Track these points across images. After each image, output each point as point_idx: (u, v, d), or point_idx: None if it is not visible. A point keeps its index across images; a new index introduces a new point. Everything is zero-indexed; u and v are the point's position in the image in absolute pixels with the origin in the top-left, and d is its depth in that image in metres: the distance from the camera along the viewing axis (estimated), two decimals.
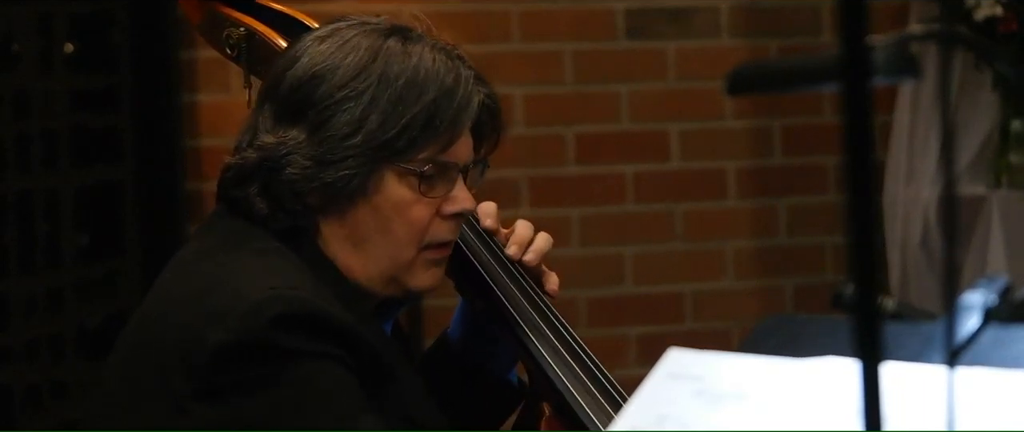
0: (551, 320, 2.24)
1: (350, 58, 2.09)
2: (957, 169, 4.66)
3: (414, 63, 2.10)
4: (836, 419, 1.39)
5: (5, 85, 4.33)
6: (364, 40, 2.11)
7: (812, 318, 1.61)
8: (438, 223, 2.13)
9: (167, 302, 2.07)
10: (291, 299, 1.98)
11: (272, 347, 1.96)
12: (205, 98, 4.50)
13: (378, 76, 2.08)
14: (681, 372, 1.50)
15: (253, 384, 1.96)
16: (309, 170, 2.06)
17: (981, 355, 1.45)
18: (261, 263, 2.04)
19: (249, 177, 2.08)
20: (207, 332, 1.96)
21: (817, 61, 1.32)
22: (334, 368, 1.98)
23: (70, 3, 4.49)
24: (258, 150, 2.08)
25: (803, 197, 4.99)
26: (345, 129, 2.07)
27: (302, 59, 2.11)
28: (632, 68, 4.86)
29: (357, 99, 2.07)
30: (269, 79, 2.15)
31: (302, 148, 2.07)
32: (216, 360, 1.95)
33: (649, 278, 4.88)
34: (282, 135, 2.08)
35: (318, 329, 1.98)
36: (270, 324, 1.95)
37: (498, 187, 4.72)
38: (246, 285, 1.99)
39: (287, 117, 2.09)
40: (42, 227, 4.38)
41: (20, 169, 4.33)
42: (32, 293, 4.34)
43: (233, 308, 1.97)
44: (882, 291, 1.28)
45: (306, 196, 2.08)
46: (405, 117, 2.08)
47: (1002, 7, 4.46)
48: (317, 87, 2.08)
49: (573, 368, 2.21)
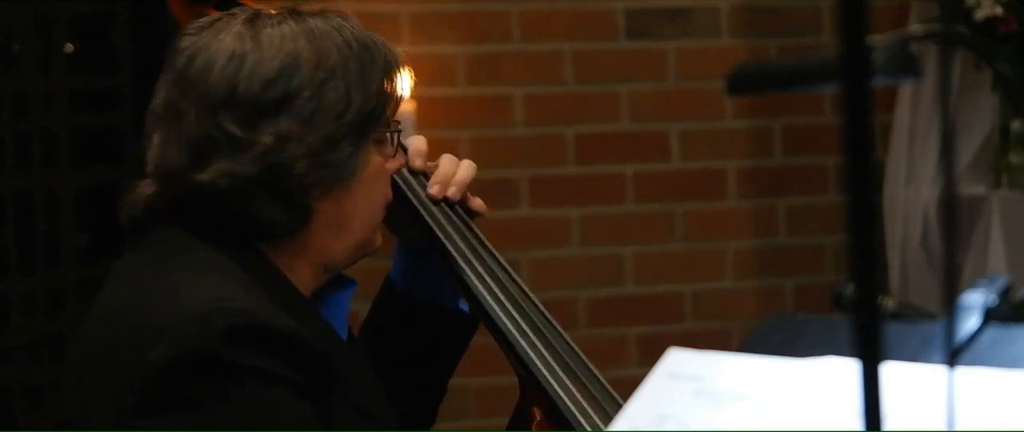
0: (537, 323, 2.24)
1: (300, 44, 2.08)
2: (957, 169, 4.66)
3: (351, 33, 2.12)
4: (836, 419, 1.39)
5: (5, 85, 4.33)
6: (286, 27, 2.10)
7: (812, 318, 1.61)
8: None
9: (111, 316, 2.04)
10: (235, 311, 1.95)
11: (219, 363, 1.93)
12: None
13: (337, 52, 2.09)
14: (681, 372, 1.50)
15: (197, 400, 1.92)
16: (321, 157, 2.06)
17: (981, 355, 1.45)
18: (203, 275, 2.01)
19: (252, 189, 2.06)
20: (152, 347, 1.93)
21: (817, 61, 1.32)
22: (281, 391, 1.95)
23: (70, 3, 4.49)
24: (257, 155, 2.04)
25: (803, 197, 4.99)
26: (336, 108, 2.07)
27: (247, 59, 2.07)
28: (632, 68, 4.86)
29: (333, 78, 2.07)
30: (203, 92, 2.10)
31: (307, 137, 2.06)
32: (159, 376, 1.92)
33: (649, 278, 4.88)
34: (274, 132, 2.05)
35: (264, 341, 1.95)
36: (213, 338, 1.92)
37: (498, 187, 4.73)
38: (190, 298, 1.96)
39: (264, 116, 2.06)
40: (42, 227, 4.39)
41: (20, 169, 4.33)
42: (32, 293, 4.33)
43: (178, 322, 1.94)
44: (882, 291, 1.28)
45: (314, 187, 2.07)
46: (372, 83, 2.10)
47: (1002, 7, 4.46)
48: (291, 79, 2.06)
49: (563, 372, 2.21)
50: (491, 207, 2.37)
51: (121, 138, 4.52)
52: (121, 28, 4.53)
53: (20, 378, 4.31)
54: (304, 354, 1.98)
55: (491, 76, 4.72)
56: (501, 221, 4.55)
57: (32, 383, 4.35)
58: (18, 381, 4.30)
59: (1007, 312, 1.49)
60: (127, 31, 4.53)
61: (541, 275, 4.71)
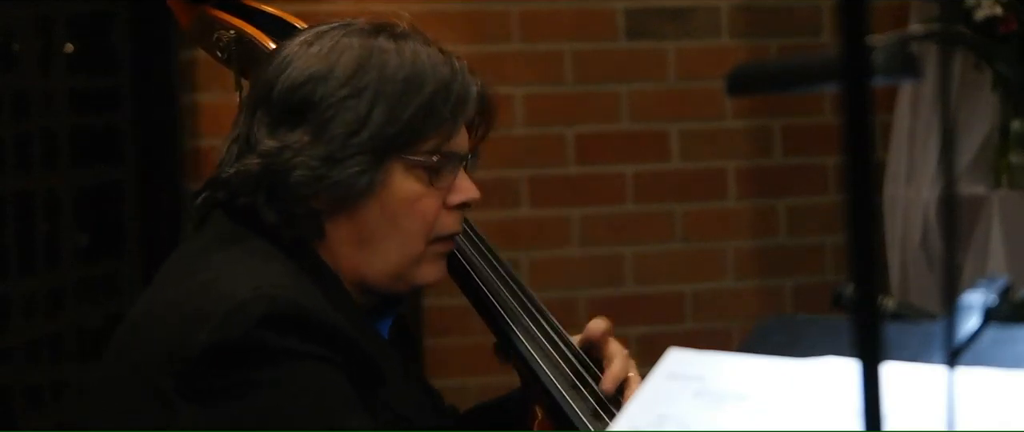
0: (540, 322, 2.25)
1: (345, 57, 2.10)
2: (957, 169, 4.66)
3: (410, 57, 2.11)
4: (836, 419, 1.39)
5: (5, 85, 4.33)
6: (355, 40, 2.12)
7: (812, 318, 1.61)
8: (445, 215, 2.15)
9: (156, 305, 2.07)
10: (277, 299, 1.97)
11: (259, 347, 1.95)
12: (205, 98, 4.50)
13: (377, 72, 2.09)
14: (681, 372, 1.50)
15: (241, 385, 1.95)
16: (317, 171, 2.06)
17: (981, 355, 1.45)
18: (248, 264, 2.04)
19: (253, 185, 2.08)
20: (194, 333, 1.96)
21: (817, 61, 1.32)
22: (322, 368, 1.98)
23: (70, 3, 4.49)
24: (261, 157, 2.08)
25: (803, 197, 4.99)
26: (351, 127, 2.07)
27: (295, 63, 2.11)
28: (632, 68, 4.87)
29: (359, 96, 2.08)
30: (258, 86, 2.15)
31: (307, 149, 2.07)
32: (203, 362, 1.95)
33: (649, 278, 4.88)
34: (283, 139, 2.08)
35: (305, 328, 1.98)
36: (256, 324, 1.95)
37: (498, 187, 4.73)
38: (232, 286, 1.99)
39: (286, 121, 2.09)
40: (42, 227, 4.39)
41: (20, 169, 4.33)
42: (32, 293, 4.34)
43: (219, 309, 1.96)
44: (882, 291, 1.28)
45: (313, 199, 2.08)
46: (408, 110, 2.09)
47: (1002, 7, 4.46)
48: (316, 88, 2.08)
49: (564, 371, 2.22)
50: (491, 207, 2.37)
51: (121, 138, 4.52)
52: (121, 28, 4.53)
53: (20, 378, 4.31)
54: (346, 345, 2.00)
55: (491, 76, 4.71)
56: (501, 221, 4.55)
57: (32, 383, 4.35)
58: (18, 381, 4.30)
59: (1007, 312, 1.49)
60: (127, 31, 4.53)
61: (541, 275, 4.71)
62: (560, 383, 2.20)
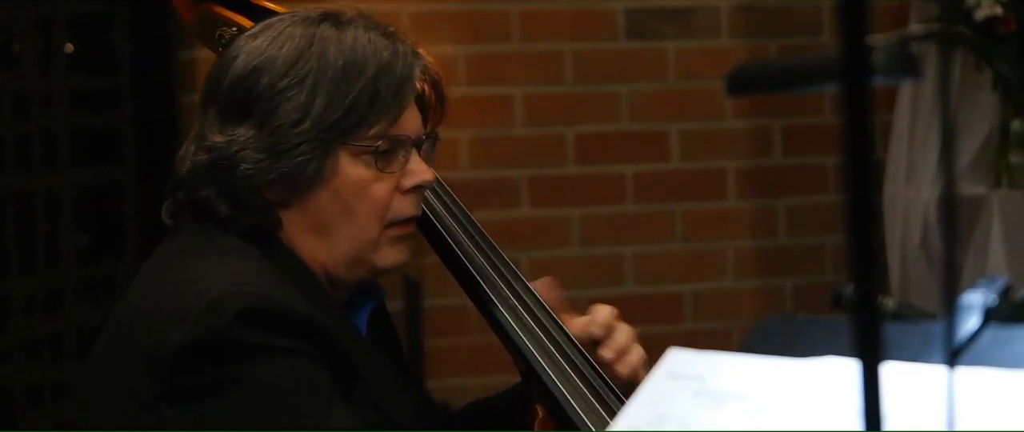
0: (542, 321, 2.25)
1: (286, 47, 2.10)
2: (957, 169, 4.66)
3: (350, 43, 2.11)
4: (836, 419, 1.39)
5: (5, 85, 4.33)
6: (297, 29, 2.13)
7: (812, 318, 1.61)
8: (399, 199, 2.14)
9: (133, 307, 2.07)
10: (250, 295, 1.98)
11: (235, 344, 1.96)
12: None
13: (317, 60, 2.09)
14: (681, 372, 1.50)
15: (220, 383, 1.95)
16: (263, 163, 2.07)
17: (981, 355, 1.45)
18: (221, 262, 2.05)
19: (203, 180, 2.09)
20: (169, 333, 1.96)
21: (817, 61, 1.32)
22: (300, 362, 1.98)
23: (70, 3, 4.49)
24: (208, 151, 2.09)
25: (803, 197, 4.99)
26: (293, 116, 2.08)
27: (239, 57, 2.12)
28: (632, 68, 4.86)
29: (300, 85, 2.08)
30: (208, 83, 2.16)
31: (252, 142, 2.08)
32: (180, 361, 1.95)
33: (649, 278, 4.88)
34: (231, 134, 2.09)
35: (280, 323, 1.98)
36: (231, 321, 1.95)
37: (498, 187, 4.73)
38: (206, 284, 1.99)
39: (232, 116, 2.10)
40: (42, 227, 4.39)
41: (20, 169, 4.33)
42: (32, 293, 4.34)
43: (194, 308, 1.97)
44: (882, 291, 1.28)
45: (263, 190, 2.09)
46: (350, 96, 2.09)
47: (1002, 7, 4.46)
48: (258, 80, 2.09)
49: (565, 370, 2.21)
50: (491, 207, 2.37)
51: (121, 138, 4.52)
52: (121, 28, 4.53)
53: (20, 378, 4.31)
54: (321, 338, 2.00)
55: (491, 76, 4.72)
56: (501, 221, 4.55)
57: (32, 383, 4.35)
58: (18, 381, 4.30)
59: (1007, 312, 1.49)
60: (127, 31, 4.52)
61: (541, 275, 4.70)
62: (561, 383, 2.20)
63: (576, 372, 2.22)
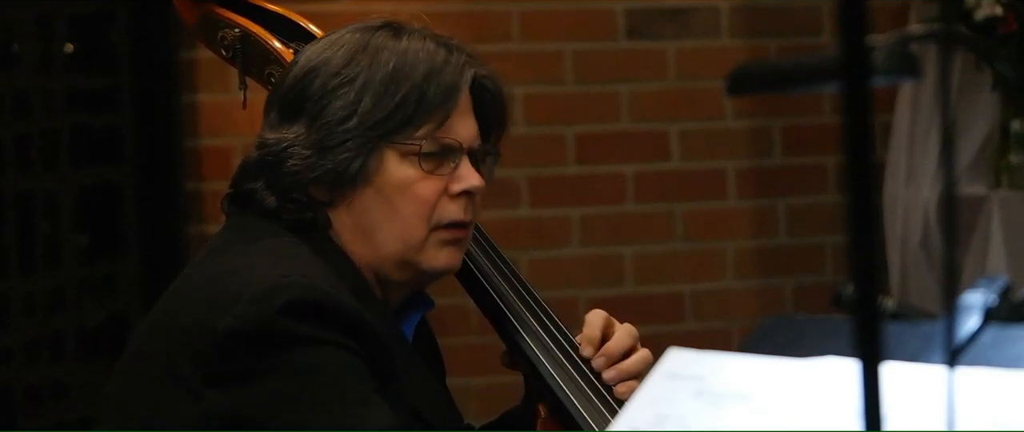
0: (544, 321, 2.25)
1: (342, 50, 2.15)
2: (957, 169, 4.66)
3: (403, 48, 2.15)
4: (836, 419, 1.39)
5: (5, 85, 4.33)
6: (355, 35, 2.17)
7: (812, 318, 1.61)
8: (446, 202, 2.15)
9: (179, 295, 2.11)
10: (300, 286, 2.01)
11: (280, 333, 1.99)
12: (205, 98, 4.50)
13: (369, 61, 2.13)
14: (681, 372, 1.50)
15: (262, 370, 1.99)
16: (309, 159, 2.10)
17: (981, 355, 1.45)
18: (273, 254, 2.08)
19: (254, 174, 2.13)
20: (216, 319, 2.00)
21: (817, 61, 1.32)
22: (342, 355, 2.01)
23: (70, 3, 4.49)
24: (259, 148, 2.14)
25: (803, 197, 4.99)
26: (340, 114, 2.11)
27: (299, 61, 2.17)
28: (632, 68, 4.86)
29: (350, 84, 2.12)
30: (272, 87, 2.23)
31: (301, 140, 2.11)
32: (225, 346, 1.99)
33: (649, 278, 4.88)
34: (284, 132, 2.12)
35: (326, 316, 2.01)
36: (278, 310, 1.99)
37: (498, 187, 4.72)
38: (256, 274, 2.03)
39: (287, 115, 2.14)
40: (42, 227, 4.39)
41: (20, 169, 4.33)
42: (32, 293, 4.34)
43: (242, 295, 2.01)
44: (882, 291, 1.28)
45: (310, 186, 2.12)
46: (397, 96, 2.12)
47: (1002, 7, 4.46)
48: (312, 81, 2.13)
49: (568, 369, 2.22)
50: (491, 207, 2.37)
51: (121, 138, 4.52)
52: (121, 28, 4.53)
53: (20, 378, 4.31)
54: (365, 334, 2.03)
55: None
56: (501, 221, 4.55)
57: (32, 383, 4.35)
58: (18, 381, 4.30)
59: (1007, 312, 1.49)
60: (127, 31, 4.52)
61: (541, 275, 4.71)
62: (564, 382, 2.21)
63: (578, 372, 2.22)
